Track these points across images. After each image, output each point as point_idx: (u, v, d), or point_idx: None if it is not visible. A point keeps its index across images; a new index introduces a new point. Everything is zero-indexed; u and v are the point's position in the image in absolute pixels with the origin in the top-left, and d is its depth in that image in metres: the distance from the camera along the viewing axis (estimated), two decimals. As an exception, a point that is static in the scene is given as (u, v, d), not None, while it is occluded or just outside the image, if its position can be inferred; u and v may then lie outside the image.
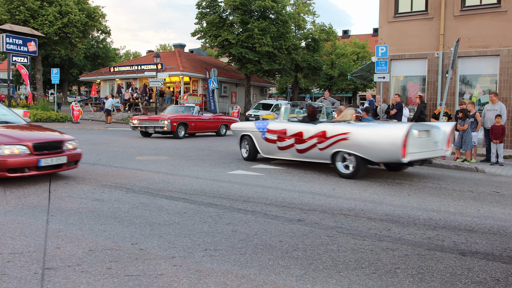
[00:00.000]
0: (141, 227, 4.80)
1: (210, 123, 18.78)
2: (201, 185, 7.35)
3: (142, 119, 16.86)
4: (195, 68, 35.44)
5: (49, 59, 45.43)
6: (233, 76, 38.38)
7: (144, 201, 6.05)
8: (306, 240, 4.50)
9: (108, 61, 53.84)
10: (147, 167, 9.23)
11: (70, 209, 5.52)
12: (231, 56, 33.61)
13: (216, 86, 31.13)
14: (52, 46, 34.72)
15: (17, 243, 4.20)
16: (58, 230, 4.63)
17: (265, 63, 32.12)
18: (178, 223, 5.00)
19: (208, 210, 5.62)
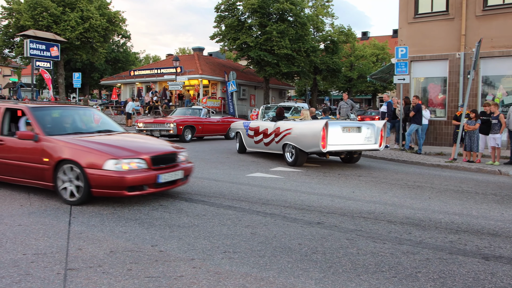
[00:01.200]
0: (161, 229, 4.85)
1: (218, 126, 18.12)
2: (220, 188, 7.38)
3: (148, 122, 16.31)
4: (214, 71, 35.64)
5: (71, 64, 46.28)
6: (251, 79, 38.45)
7: (163, 204, 6.11)
8: (325, 243, 4.48)
9: (128, 65, 54.51)
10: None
11: (92, 211, 5.61)
12: (250, 59, 33.69)
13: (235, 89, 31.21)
14: (74, 51, 35.36)
15: (40, 244, 4.28)
16: (80, 232, 4.71)
17: (284, 66, 32.08)
18: (198, 226, 5.02)
19: (227, 213, 5.64)
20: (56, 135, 6.28)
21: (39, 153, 6.09)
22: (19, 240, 4.38)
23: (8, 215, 5.36)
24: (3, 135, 6.78)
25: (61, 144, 6.01)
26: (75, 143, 5.99)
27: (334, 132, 9.48)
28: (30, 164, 6.19)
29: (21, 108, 6.81)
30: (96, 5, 34.14)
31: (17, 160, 6.35)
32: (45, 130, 6.32)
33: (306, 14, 34.72)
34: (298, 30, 32.78)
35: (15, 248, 4.17)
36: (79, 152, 5.81)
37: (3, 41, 34.59)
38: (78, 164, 5.73)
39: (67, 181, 5.90)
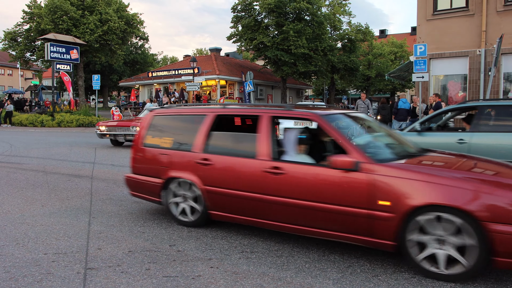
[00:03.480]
0: (178, 229, 4.89)
1: None
2: (238, 188, 7.39)
3: (111, 125, 14.01)
4: (231, 71, 35.76)
5: (90, 66, 46.98)
6: (269, 79, 38.45)
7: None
8: (343, 242, 4.45)
9: (146, 67, 55.08)
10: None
11: (111, 211, 5.68)
12: (267, 58, 33.69)
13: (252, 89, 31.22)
14: (93, 53, 35.91)
15: (61, 244, 4.36)
16: (100, 232, 4.77)
17: (301, 65, 31.99)
18: (215, 226, 5.05)
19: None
20: (386, 161, 4.00)
21: (363, 191, 3.81)
22: (40, 240, 4.47)
23: (30, 215, 5.47)
24: (279, 160, 4.39)
25: (410, 176, 3.70)
26: (444, 176, 3.67)
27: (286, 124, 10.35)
28: (344, 208, 3.91)
29: (310, 116, 4.42)
30: (114, 7, 34.63)
31: (314, 200, 4.05)
32: (370, 154, 4.02)
33: (323, 13, 34.54)
34: (315, 29, 32.64)
35: (37, 247, 4.26)
36: (462, 193, 3.50)
37: (25, 45, 35.37)
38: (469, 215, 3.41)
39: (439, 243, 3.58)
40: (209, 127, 4.91)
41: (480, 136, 6.87)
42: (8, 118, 28.29)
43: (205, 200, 4.74)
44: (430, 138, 7.33)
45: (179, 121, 5.44)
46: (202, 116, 5.05)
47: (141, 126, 5.58)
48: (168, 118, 5.52)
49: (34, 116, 28.36)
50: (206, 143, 4.85)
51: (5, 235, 4.63)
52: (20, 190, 7.07)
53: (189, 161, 4.85)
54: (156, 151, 5.23)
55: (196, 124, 5.05)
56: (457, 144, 6.92)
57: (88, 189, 7.16)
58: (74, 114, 27.33)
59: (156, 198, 5.19)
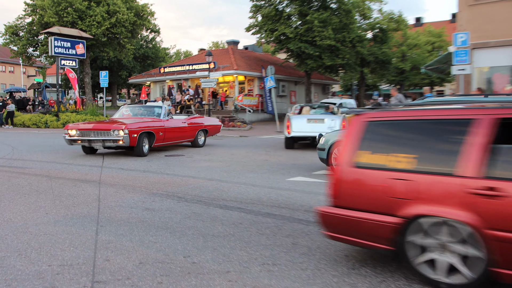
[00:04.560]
0: (193, 239, 4.90)
1: (185, 131, 14.56)
2: (258, 193, 7.40)
3: (84, 129, 12.31)
4: (250, 66, 35.81)
5: (97, 62, 47.69)
6: (291, 74, 38.36)
7: (197, 211, 6.17)
8: (375, 254, 4.39)
9: (158, 62, 55.64)
10: (200, 174, 9.43)
11: (120, 219, 5.74)
12: (289, 51, 33.60)
13: (274, 85, 31.14)
14: (101, 48, 36.40)
15: (66, 255, 4.42)
16: (108, 241, 4.82)
17: (327, 58, 31.81)
18: (234, 235, 5.05)
19: (266, 221, 5.64)
20: None
21: None
22: (44, 250, 4.54)
23: (33, 223, 5.57)
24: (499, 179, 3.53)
25: None
26: None
27: (298, 122, 13.89)
28: None
29: None
30: (123, -2, 35.02)
31: None
32: None
33: (351, 0, 34.32)
34: (343, 19, 32.41)
35: (40, 258, 4.32)
36: None
37: (27, 40, 35.98)
38: None
39: None
40: (488, 138, 3.64)
41: None
42: (9, 118, 28.89)
43: (489, 252, 3.49)
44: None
45: (419, 129, 4.12)
46: (467, 121, 3.81)
47: (345, 138, 4.39)
48: (398, 125, 4.25)
49: (38, 116, 28.92)
50: (486, 162, 3.59)
51: (7, 245, 4.71)
52: (23, 197, 7.20)
53: (455, 190, 3.65)
54: (382, 174, 4.03)
55: (456, 133, 3.86)
56: None
57: (96, 195, 7.26)
58: (81, 114, 27.73)
59: (384, 244, 3.95)
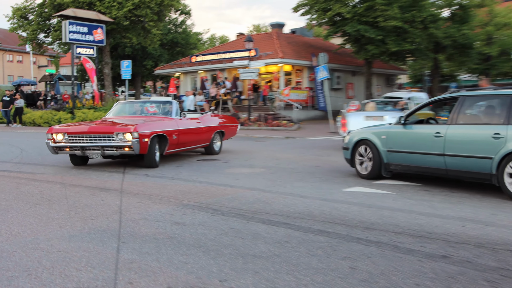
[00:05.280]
0: (231, 260, 4.92)
1: (200, 133, 13.62)
2: (308, 206, 7.37)
3: (76, 132, 11.26)
4: (298, 53, 35.78)
5: (118, 50, 48.67)
6: (348, 62, 38.09)
7: (235, 226, 6.21)
8: (454, 285, 4.30)
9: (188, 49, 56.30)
10: (238, 183, 9.48)
11: (145, 235, 5.83)
12: (346, 35, 33.38)
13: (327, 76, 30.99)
14: (122, 33, 37.09)
15: (83, 276, 4.53)
16: (131, 261, 4.91)
17: (392, 43, 31.36)
18: (279, 256, 5.04)
19: (317, 239, 5.61)
20: None
21: None
22: (57, 270, 4.66)
23: (44, 238, 5.73)
24: None
25: None
26: None
27: (354, 120, 14.92)
28: None
29: None
30: (148, -26, 35.56)
31: None
32: None
33: (423, -29, 33.71)
34: (412, -6, 31.91)
35: (53, 280, 4.44)
36: None
37: (38, 24, 36.86)
38: None
39: None
40: None
41: (454, 129, 8.55)
42: (18, 116, 29.84)
43: None
44: (412, 131, 9.35)
45: None
46: None
47: None
48: None
49: (50, 113, 29.82)
50: None
51: (14, 264, 4.87)
52: (33, 207, 7.43)
53: None
54: None
55: None
56: (434, 138, 8.72)
57: (117, 206, 7.41)
58: (99, 111, 28.33)
59: None
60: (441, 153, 8.56)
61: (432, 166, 8.89)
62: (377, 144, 9.75)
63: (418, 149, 9.08)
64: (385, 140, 9.67)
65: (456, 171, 8.55)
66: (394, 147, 9.51)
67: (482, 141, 8.06)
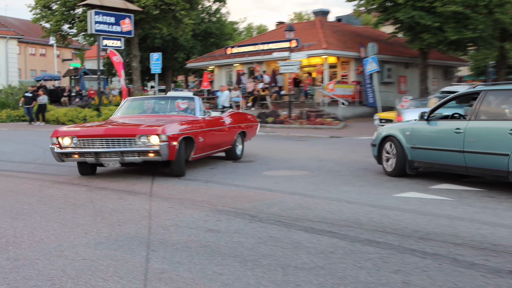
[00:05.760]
0: (270, 271, 4.92)
1: (224, 134, 12.90)
2: (356, 213, 7.32)
3: (88, 135, 10.32)
4: (344, 43, 35.55)
5: (147, 41, 49.17)
6: (401, 53, 37.64)
7: (274, 234, 6.21)
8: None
9: (223, 40, 56.56)
10: (278, 187, 9.48)
11: (176, 243, 5.88)
12: (398, 23, 32.99)
13: (376, 69, 30.79)
14: (151, 24, 37.48)
15: (109, 286, 4.59)
16: (161, 271, 4.96)
17: (451, 31, 30.82)
18: (323, 268, 5.02)
19: (366, 250, 5.57)
20: None
21: None
22: (82, 280, 4.74)
23: (69, 245, 5.84)
24: None
25: None
26: None
27: (412, 118, 13.43)
28: None
29: None
30: (179, -42, 35.84)
31: None
32: None
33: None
34: (474, -25, 31.32)
35: (78, 289, 4.53)
36: None
37: (62, 14, 37.48)
38: None
39: None
40: None
41: (473, 124, 8.92)
42: (41, 113, 30.45)
43: None
44: (434, 127, 9.84)
45: None
46: None
47: None
48: None
49: (75, 110, 30.35)
50: None
51: (37, 272, 4.97)
52: (57, 211, 7.59)
53: None
54: None
55: None
56: (454, 134, 9.11)
57: (146, 211, 7.50)
58: (127, 108, 28.67)
59: None
60: (461, 149, 8.96)
61: (453, 163, 9.31)
62: (401, 141, 10.24)
63: (439, 145, 9.54)
64: (409, 137, 10.14)
65: (475, 168, 8.91)
66: (417, 144, 9.97)
67: (499, 137, 8.37)
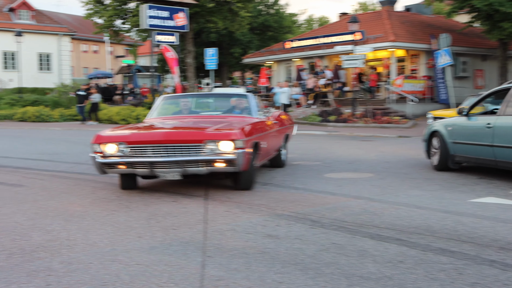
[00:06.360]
0: (333, 280, 4.90)
1: (276, 137, 11.74)
2: (427, 219, 7.22)
3: (142, 141, 8.99)
4: (413, 35, 35.03)
5: (202, 36, 49.73)
6: (477, 45, 36.82)
7: (338, 241, 6.18)
8: None
9: (282, 34, 56.64)
10: (341, 190, 9.44)
11: (233, 249, 5.92)
12: (474, 11, 32.27)
13: (450, 62, 30.23)
14: (206, 17, 37.83)
15: (164, 293, 4.67)
16: (218, 278, 5.00)
17: (534, 19, 29.96)
18: (391, 278, 4.97)
19: (439, 260, 5.48)
20: None
21: None
22: (136, 286, 4.82)
23: (123, 249, 5.97)
24: None
25: None
26: None
27: None
28: None
29: None
30: None
31: None
32: None
33: None
34: None
35: (132, 296, 4.62)
36: None
37: (114, 9, 38.31)
38: None
39: None
40: None
41: (502, 119, 9.90)
42: (93, 112, 31.19)
43: None
44: (471, 122, 10.93)
45: None
46: None
47: None
48: None
49: (128, 109, 30.92)
50: None
51: (91, 277, 5.09)
52: (110, 214, 7.76)
53: None
54: None
55: None
56: (485, 129, 10.15)
57: (201, 215, 7.58)
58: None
59: None
60: (490, 143, 9.95)
61: (485, 157, 10.36)
62: (444, 136, 11.41)
63: (474, 140, 10.60)
64: (450, 132, 11.36)
65: (504, 162, 9.87)
66: (457, 139, 11.12)
67: None
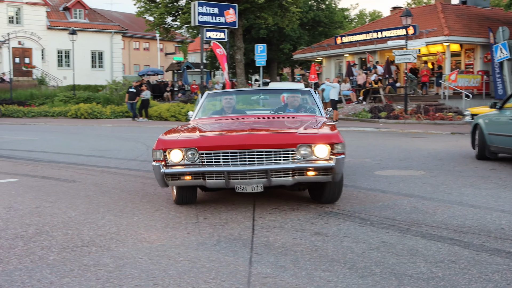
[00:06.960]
0: (383, 280, 4.85)
1: None
2: (481, 219, 7.10)
3: (219, 146, 7.38)
4: (469, 28, 34.40)
5: (252, 32, 49.82)
6: (536, 38, 35.92)
7: (388, 240, 6.12)
8: None
9: (332, 29, 56.35)
10: (392, 188, 9.36)
11: (281, 246, 5.92)
12: (533, 4, 31.51)
13: (507, 56, 29.57)
14: (256, 13, 37.92)
15: (212, 289, 4.70)
16: (265, 275, 5.01)
17: None
18: (443, 278, 4.89)
19: (493, 261, 5.37)
20: None
21: None
22: (184, 282, 4.87)
23: (171, 245, 6.03)
24: None
25: None
26: None
27: None
28: None
29: None
30: None
31: None
32: None
33: None
34: None
35: (180, 292, 4.66)
36: None
37: (165, 7, 38.78)
38: None
39: None
40: None
41: None
42: (144, 109, 31.66)
43: None
44: (503, 115, 11.90)
45: None
46: None
47: None
48: None
49: (177, 106, 31.25)
50: None
51: (140, 272, 5.16)
52: (159, 210, 7.86)
53: None
54: None
55: None
56: (509, 121, 11.28)
57: (249, 211, 7.61)
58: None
59: None
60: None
61: (510, 146, 11.30)
62: (483, 128, 12.49)
63: (504, 131, 11.52)
64: (488, 124, 12.43)
65: None
66: (492, 130, 12.14)
67: None
